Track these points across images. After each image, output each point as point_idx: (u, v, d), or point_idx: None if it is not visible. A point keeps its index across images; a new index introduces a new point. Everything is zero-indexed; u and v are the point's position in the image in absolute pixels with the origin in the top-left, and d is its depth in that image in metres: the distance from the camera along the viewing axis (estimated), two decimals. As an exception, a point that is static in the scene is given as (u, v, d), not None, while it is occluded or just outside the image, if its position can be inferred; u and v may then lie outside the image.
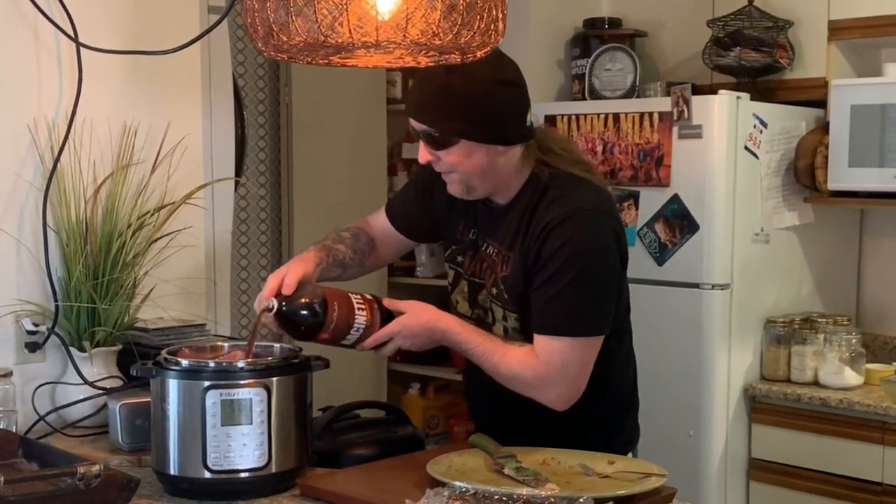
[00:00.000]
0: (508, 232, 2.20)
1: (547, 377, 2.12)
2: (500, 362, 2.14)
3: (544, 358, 2.12)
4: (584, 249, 2.11)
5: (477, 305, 2.30)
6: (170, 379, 1.97)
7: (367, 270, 2.49)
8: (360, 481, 2.00)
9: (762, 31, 3.83)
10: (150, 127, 2.62)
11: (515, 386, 2.15)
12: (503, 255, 2.21)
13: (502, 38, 1.87)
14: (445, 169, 2.16)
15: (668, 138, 3.65)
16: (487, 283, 2.25)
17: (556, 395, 2.13)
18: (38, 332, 2.43)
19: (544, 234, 2.11)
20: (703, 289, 3.60)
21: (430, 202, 2.39)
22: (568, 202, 2.13)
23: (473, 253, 2.29)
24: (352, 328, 2.11)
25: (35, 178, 2.46)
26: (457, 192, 2.21)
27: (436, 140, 2.12)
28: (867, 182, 3.60)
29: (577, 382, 2.14)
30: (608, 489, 1.85)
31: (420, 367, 5.06)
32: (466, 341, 2.16)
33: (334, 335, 2.10)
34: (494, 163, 2.15)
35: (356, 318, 2.11)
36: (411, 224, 2.46)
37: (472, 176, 2.16)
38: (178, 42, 2.44)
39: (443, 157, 2.14)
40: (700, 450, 3.60)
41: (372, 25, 1.68)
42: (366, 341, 2.14)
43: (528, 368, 2.12)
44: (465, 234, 2.31)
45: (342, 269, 2.37)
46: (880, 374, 3.57)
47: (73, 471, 1.82)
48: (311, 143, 4.80)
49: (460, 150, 2.12)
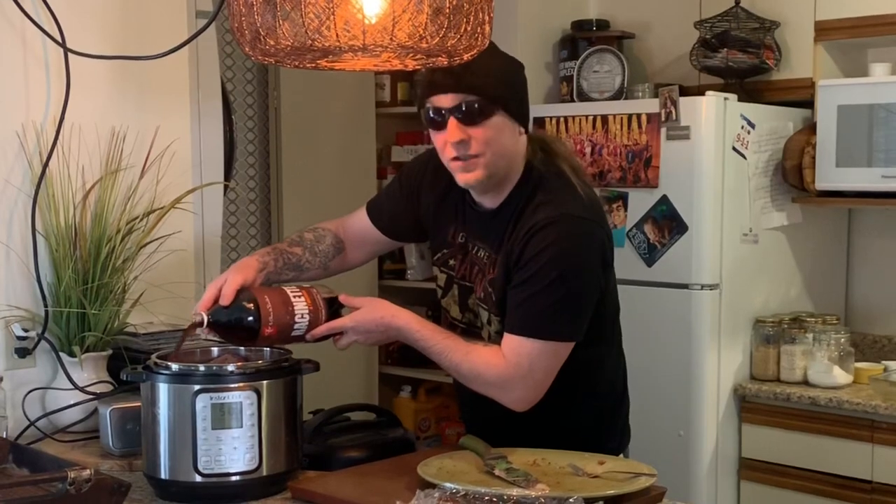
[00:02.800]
0: (497, 235, 2.19)
1: (512, 379, 2.09)
2: (461, 361, 2.12)
3: (512, 359, 2.09)
4: (565, 255, 2.08)
5: (467, 309, 2.29)
6: (160, 383, 1.97)
7: (330, 273, 2.46)
8: (350, 484, 2.00)
9: (749, 32, 3.84)
10: (139, 132, 2.62)
11: (477, 385, 2.14)
12: (492, 258, 2.20)
13: (489, 41, 1.88)
14: (476, 149, 2.10)
15: (657, 139, 3.66)
16: (477, 286, 2.24)
17: (517, 397, 2.11)
18: (27, 338, 2.42)
19: (528, 235, 2.10)
20: (692, 289, 3.62)
21: (416, 202, 2.38)
22: (556, 207, 2.12)
23: (463, 256, 2.28)
24: (295, 317, 2.09)
25: (24, 184, 2.46)
26: (475, 180, 2.14)
27: (475, 111, 2.07)
28: (855, 182, 3.62)
29: (540, 386, 2.11)
30: (598, 489, 1.86)
31: (411, 369, 5.06)
32: (424, 339, 2.13)
33: (279, 328, 2.07)
34: (514, 146, 2.15)
35: (295, 306, 2.09)
36: (396, 221, 2.44)
37: (498, 158, 2.12)
38: (165, 47, 2.44)
39: (478, 133, 2.08)
40: (690, 449, 3.61)
41: (359, 29, 1.68)
42: (317, 329, 2.11)
43: (492, 368, 2.10)
44: (456, 237, 2.30)
45: (297, 272, 2.35)
46: (869, 372, 3.59)
47: (63, 476, 1.82)
48: (299, 146, 4.80)
49: (495, 125, 2.09)
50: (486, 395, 2.14)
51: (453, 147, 2.10)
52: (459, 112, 2.08)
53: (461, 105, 2.07)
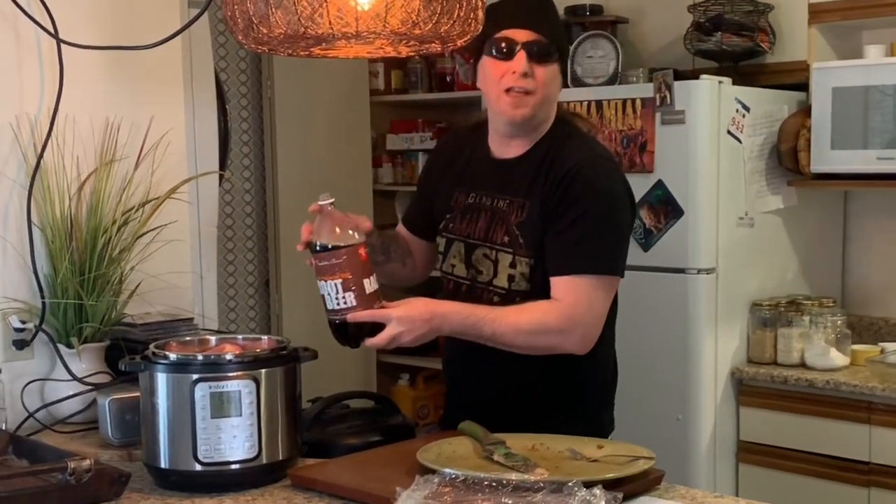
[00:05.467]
0: (524, 181, 2.26)
1: (574, 317, 2.16)
2: (519, 319, 2.15)
3: (571, 299, 2.16)
4: (608, 193, 2.22)
5: (471, 266, 2.33)
6: (158, 373, 1.97)
7: (406, 272, 2.49)
8: (350, 471, 2.01)
9: (743, 15, 3.83)
10: (133, 122, 2.61)
11: (538, 337, 2.17)
12: (518, 202, 2.27)
13: (482, 27, 1.88)
14: (533, 86, 2.21)
15: (651, 124, 3.66)
16: (496, 235, 2.28)
17: (580, 336, 2.18)
18: (25, 330, 2.42)
19: (567, 179, 2.20)
20: (688, 274, 3.62)
21: (432, 190, 2.44)
22: (590, 151, 2.27)
23: (471, 215, 2.33)
24: (365, 275, 2.04)
25: (18, 176, 2.45)
26: (521, 116, 2.24)
27: (543, 51, 2.21)
28: (850, 164, 3.62)
29: (599, 322, 2.21)
30: (597, 473, 1.86)
31: (409, 357, 5.07)
32: (473, 314, 2.14)
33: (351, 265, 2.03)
34: (557, 96, 2.30)
35: (371, 276, 2.05)
36: (426, 219, 2.46)
37: (545, 101, 2.25)
38: (158, 37, 2.44)
39: (540, 72, 2.21)
40: (688, 433, 3.61)
41: (352, 16, 1.69)
42: (362, 313, 2.04)
43: (551, 314, 2.16)
44: (461, 200, 2.36)
45: (385, 257, 2.38)
46: (866, 354, 3.60)
47: (63, 466, 1.83)
48: (294, 135, 4.80)
49: (553, 71, 2.24)
50: (547, 348, 2.18)
51: (516, 77, 2.20)
52: (530, 48, 2.21)
53: (534, 43, 2.21)
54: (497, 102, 2.25)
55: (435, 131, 5.19)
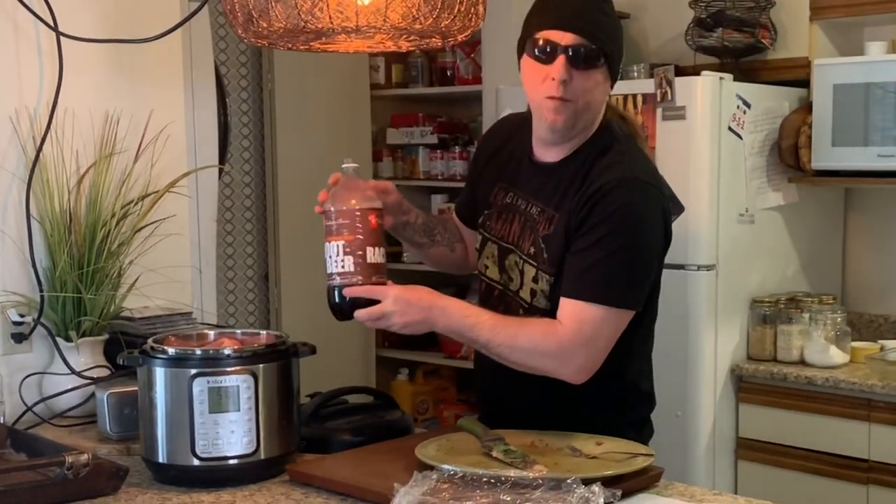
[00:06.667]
0: (557, 191, 2.13)
1: (573, 346, 2.00)
2: (517, 333, 2.01)
3: (573, 325, 2.00)
4: (636, 219, 2.04)
5: (504, 270, 2.22)
6: (157, 367, 1.97)
7: (455, 258, 2.41)
8: (348, 466, 2.00)
9: (744, 11, 3.83)
10: (133, 116, 2.61)
11: (533, 358, 2.01)
12: (548, 213, 2.13)
13: (483, 22, 1.88)
14: (572, 94, 2.06)
15: (652, 120, 3.65)
16: (525, 243, 2.16)
17: (577, 366, 2.02)
18: (23, 323, 2.42)
19: (596, 197, 2.03)
20: (688, 270, 3.61)
21: (477, 177, 2.35)
22: (626, 170, 2.08)
23: (507, 216, 2.22)
24: (370, 243, 1.96)
25: (18, 169, 2.45)
26: (558, 123, 2.09)
27: (584, 56, 2.05)
28: (851, 161, 3.61)
29: (600, 356, 2.03)
30: (596, 470, 1.86)
31: (408, 352, 5.06)
32: (473, 314, 2.02)
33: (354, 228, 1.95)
34: (601, 104, 2.14)
35: (377, 247, 1.97)
36: (473, 210, 2.36)
37: (585, 109, 2.10)
38: (158, 30, 2.43)
39: (579, 79, 2.06)
40: (688, 430, 3.61)
41: (352, 10, 1.68)
42: (356, 288, 1.95)
43: (551, 336, 2.00)
44: (500, 197, 2.25)
45: (429, 239, 2.32)
46: (866, 352, 3.59)
47: (61, 460, 1.82)
48: (294, 129, 4.79)
49: (595, 77, 2.08)
50: (541, 370, 2.03)
51: (556, 84, 2.06)
52: (572, 53, 2.05)
53: (577, 47, 2.05)
54: (537, 107, 2.12)
55: (435, 126, 5.19)
